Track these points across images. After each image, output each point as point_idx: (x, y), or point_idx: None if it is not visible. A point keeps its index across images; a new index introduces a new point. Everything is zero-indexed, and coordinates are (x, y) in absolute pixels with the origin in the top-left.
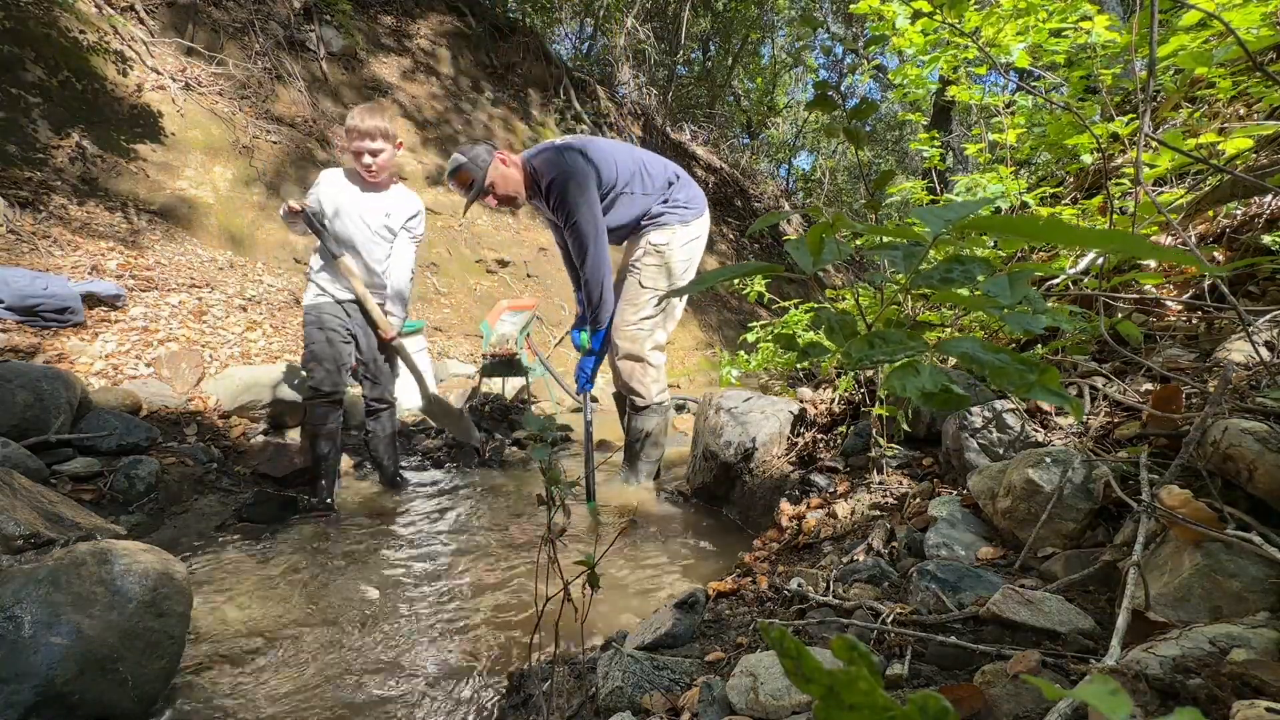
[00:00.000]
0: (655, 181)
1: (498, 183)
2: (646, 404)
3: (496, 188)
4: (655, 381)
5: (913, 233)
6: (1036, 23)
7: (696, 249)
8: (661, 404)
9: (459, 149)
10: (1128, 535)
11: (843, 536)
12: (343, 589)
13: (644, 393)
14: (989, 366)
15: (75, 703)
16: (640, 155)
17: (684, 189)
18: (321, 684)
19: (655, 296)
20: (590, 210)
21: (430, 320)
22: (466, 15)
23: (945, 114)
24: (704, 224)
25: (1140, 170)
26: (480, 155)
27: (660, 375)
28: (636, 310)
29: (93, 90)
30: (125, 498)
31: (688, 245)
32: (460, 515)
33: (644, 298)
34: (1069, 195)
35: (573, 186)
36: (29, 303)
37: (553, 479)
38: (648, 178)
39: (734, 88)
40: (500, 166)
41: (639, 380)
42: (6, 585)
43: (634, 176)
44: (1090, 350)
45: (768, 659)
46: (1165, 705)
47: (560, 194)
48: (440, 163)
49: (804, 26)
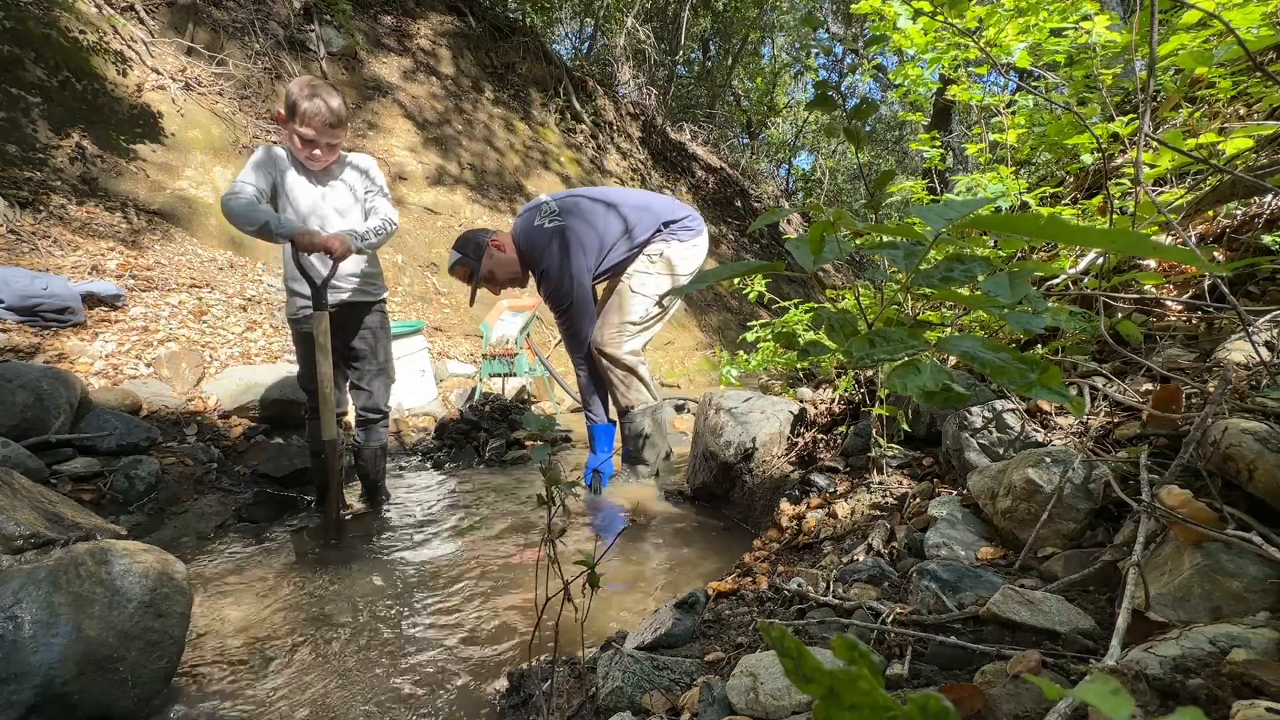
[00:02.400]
0: (647, 227)
1: (495, 270)
2: (632, 405)
3: (496, 275)
4: (639, 385)
5: (913, 232)
6: (1038, 22)
7: (693, 265)
8: (651, 403)
9: (454, 245)
10: (1128, 535)
11: (843, 536)
12: (342, 589)
13: (629, 396)
14: (990, 365)
15: (75, 703)
16: (635, 202)
17: (680, 224)
18: (321, 684)
19: (643, 301)
20: (581, 300)
21: (430, 320)
22: (466, 15)
23: (945, 114)
24: (701, 241)
25: (1140, 170)
26: (473, 248)
27: (643, 376)
28: (621, 315)
29: (93, 90)
30: (125, 498)
31: (684, 260)
32: (460, 515)
33: (632, 303)
34: (1069, 195)
35: (561, 278)
36: (29, 303)
37: (553, 479)
38: (638, 226)
39: (734, 88)
40: (496, 254)
41: (623, 384)
42: (6, 585)
43: (623, 235)
44: (1090, 350)
45: (768, 659)
46: (1165, 705)
47: (551, 288)
48: (441, 162)
49: (804, 26)
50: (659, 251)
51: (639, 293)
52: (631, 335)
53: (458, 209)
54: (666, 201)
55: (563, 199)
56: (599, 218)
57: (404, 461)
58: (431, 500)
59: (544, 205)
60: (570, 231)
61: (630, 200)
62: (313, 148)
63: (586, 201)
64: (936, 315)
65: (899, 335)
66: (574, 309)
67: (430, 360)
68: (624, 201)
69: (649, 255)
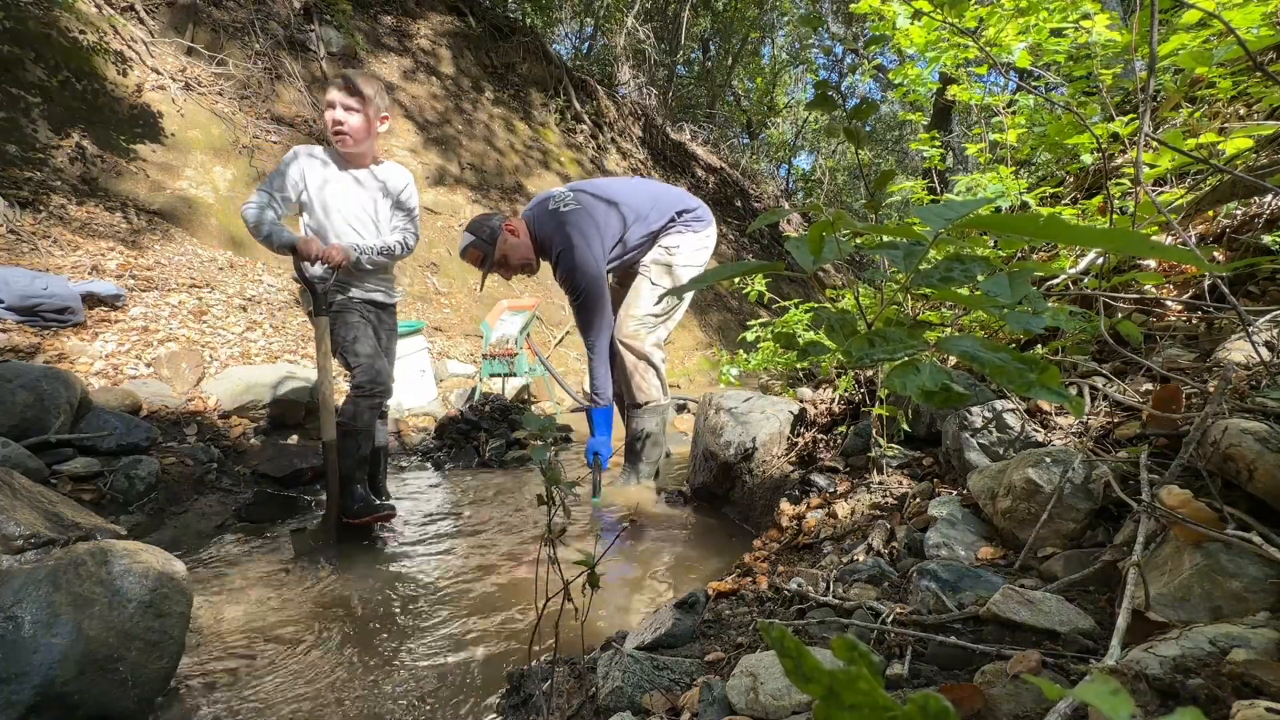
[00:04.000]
0: (659, 219)
1: (509, 254)
2: (645, 402)
3: (509, 259)
4: (656, 381)
5: (913, 232)
6: (1037, 22)
7: (705, 256)
8: (661, 404)
9: (466, 228)
10: (1128, 535)
11: (843, 536)
12: (342, 589)
13: (645, 390)
14: (989, 365)
15: (75, 703)
16: (644, 194)
17: (692, 214)
18: (321, 684)
19: (659, 295)
20: (596, 286)
21: (430, 320)
22: (466, 15)
23: (945, 114)
24: (712, 233)
25: (1140, 170)
26: (486, 231)
27: (661, 375)
28: (640, 307)
29: (93, 90)
30: (125, 498)
31: (697, 252)
32: (460, 515)
33: (653, 294)
34: (1069, 195)
35: (579, 262)
36: (29, 303)
37: (553, 479)
38: (648, 216)
39: (734, 88)
40: (510, 238)
41: (641, 377)
42: (7, 585)
43: (636, 221)
44: (1090, 350)
45: (768, 659)
46: (1165, 705)
47: (567, 271)
48: (441, 163)
49: (804, 26)
50: (675, 243)
51: (658, 284)
52: (653, 327)
53: (458, 209)
54: (678, 192)
55: (577, 187)
56: (614, 206)
57: (404, 461)
58: (431, 500)
59: (558, 193)
60: (585, 216)
61: (643, 190)
62: (336, 123)
63: (602, 187)
64: (936, 315)
65: (898, 335)
66: (588, 293)
67: (430, 360)
68: (638, 190)
69: (664, 246)
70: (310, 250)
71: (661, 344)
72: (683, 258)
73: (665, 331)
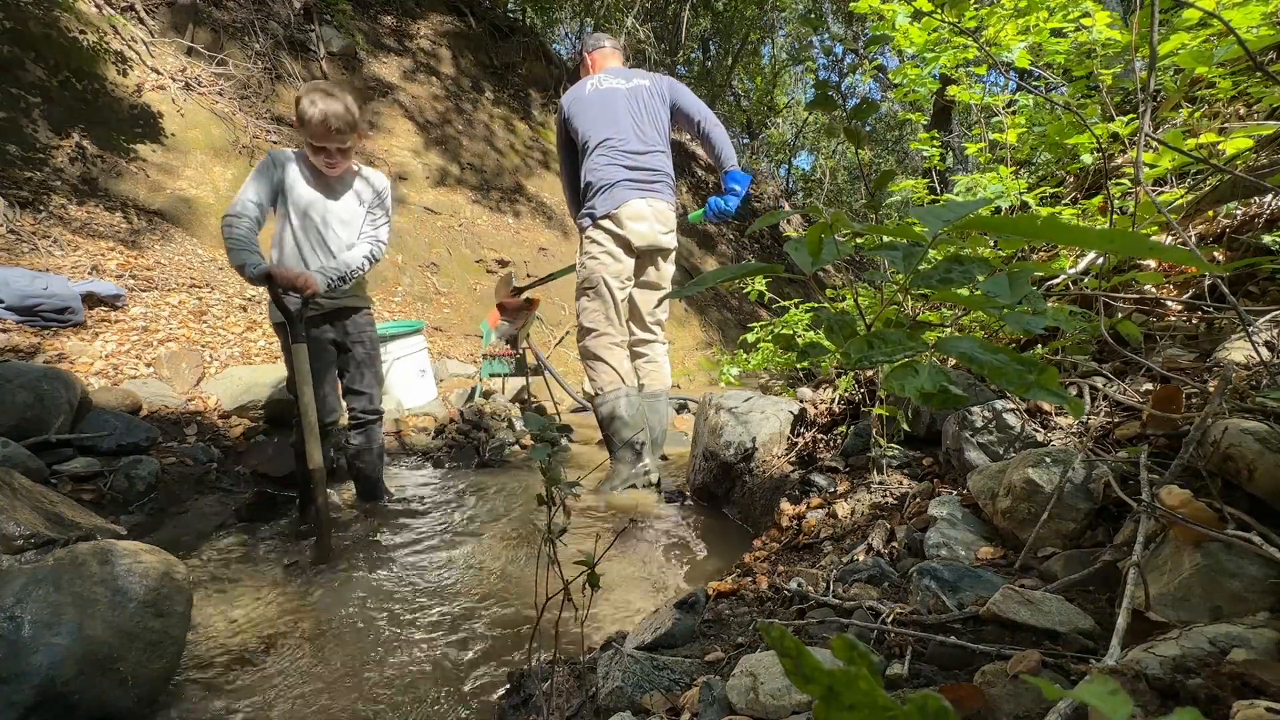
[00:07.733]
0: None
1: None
2: (595, 394)
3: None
4: (603, 371)
5: (912, 232)
6: (1038, 22)
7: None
8: (607, 392)
9: (590, 36)
10: (1128, 535)
11: (843, 536)
12: (342, 589)
13: (595, 382)
14: (988, 366)
15: (75, 703)
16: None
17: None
18: (321, 684)
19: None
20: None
21: (430, 320)
22: (466, 15)
23: (945, 114)
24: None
25: (1140, 170)
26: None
27: (612, 363)
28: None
29: (93, 90)
30: (125, 498)
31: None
32: (460, 515)
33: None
34: (1069, 195)
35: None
36: (29, 303)
37: (553, 479)
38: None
39: (734, 88)
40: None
41: (591, 371)
42: (7, 585)
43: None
44: (1090, 350)
45: (768, 659)
46: (1165, 705)
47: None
48: (442, 163)
49: (804, 26)
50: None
51: (582, 259)
52: (583, 309)
53: (458, 209)
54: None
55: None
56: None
57: (404, 461)
58: (431, 500)
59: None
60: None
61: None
62: (325, 155)
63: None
64: (936, 316)
65: (898, 336)
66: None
67: (430, 360)
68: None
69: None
70: (286, 280)
71: (602, 329)
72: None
73: (601, 305)
